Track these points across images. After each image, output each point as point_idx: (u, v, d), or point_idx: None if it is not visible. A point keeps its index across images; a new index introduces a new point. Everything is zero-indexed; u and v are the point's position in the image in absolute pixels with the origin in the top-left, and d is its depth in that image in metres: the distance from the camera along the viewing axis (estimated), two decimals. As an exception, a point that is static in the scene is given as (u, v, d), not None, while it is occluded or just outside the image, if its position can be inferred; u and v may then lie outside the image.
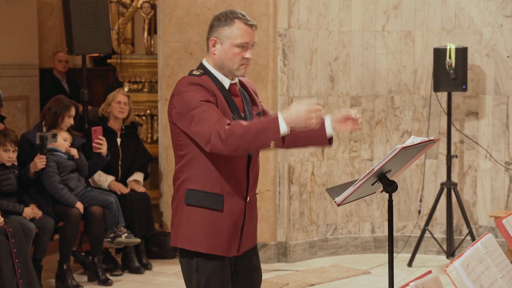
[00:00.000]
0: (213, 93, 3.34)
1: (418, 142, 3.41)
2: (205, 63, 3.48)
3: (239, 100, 3.48)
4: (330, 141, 3.46)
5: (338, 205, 3.38)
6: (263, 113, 3.63)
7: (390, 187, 3.43)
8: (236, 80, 3.50)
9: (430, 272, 2.49)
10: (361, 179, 3.32)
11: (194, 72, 3.42)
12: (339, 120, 3.36)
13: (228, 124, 3.23)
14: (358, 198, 3.53)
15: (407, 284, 2.35)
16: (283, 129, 3.16)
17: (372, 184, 3.46)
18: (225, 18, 3.40)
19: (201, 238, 3.36)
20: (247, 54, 3.39)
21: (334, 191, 3.43)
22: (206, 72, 3.42)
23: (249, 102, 3.54)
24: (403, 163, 3.53)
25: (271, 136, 3.17)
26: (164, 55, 7.04)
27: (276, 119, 3.17)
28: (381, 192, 3.47)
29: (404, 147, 3.27)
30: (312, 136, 3.44)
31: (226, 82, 3.44)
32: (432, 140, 3.49)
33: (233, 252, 3.44)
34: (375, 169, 3.30)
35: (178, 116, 3.34)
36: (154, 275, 6.49)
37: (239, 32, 3.37)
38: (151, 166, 7.31)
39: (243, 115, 3.45)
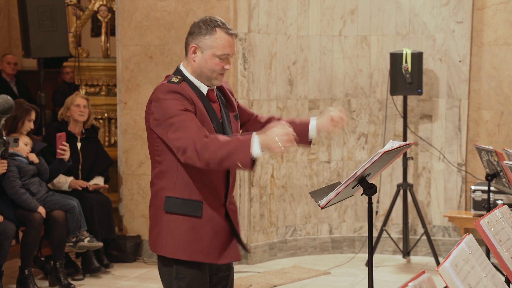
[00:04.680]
0: (192, 102, 3.33)
1: (396, 146, 3.53)
2: (182, 69, 3.46)
3: (216, 106, 3.48)
4: (310, 142, 3.61)
5: (322, 208, 3.47)
6: (240, 111, 3.66)
7: (370, 190, 3.54)
8: (214, 87, 3.49)
9: (423, 272, 2.59)
10: (344, 183, 3.42)
11: (173, 80, 3.38)
12: (326, 123, 3.55)
13: (206, 137, 3.21)
14: (340, 201, 3.62)
15: (406, 285, 2.44)
16: (255, 152, 3.14)
17: (353, 187, 3.56)
18: (206, 26, 3.37)
19: (182, 245, 3.37)
20: (227, 66, 3.40)
21: (316, 194, 3.52)
22: (184, 78, 3.41)
23: (226, 106, 3.55)
24: (381, 166, 3.65)
25: (241, 158, 3.15)
26: (123, 58, 7.04)
27: (249, 142, 3.14)
28: (361, 195, 3.57)
29: (386, 151, 3.38)
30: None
31: (204, 89, 3.43)
32: (408, 144, 3.63)
33: (215, 259, 3.44)
34: (358, 173, 3.40)
35: (156, 123, 3.32)
36: (116, 279, 6.48)
37: (221, 43, 3.35)
38: (110, 170, 7.29)
39: (221, 121, 3.47)
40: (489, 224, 3.30)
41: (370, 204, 3.60)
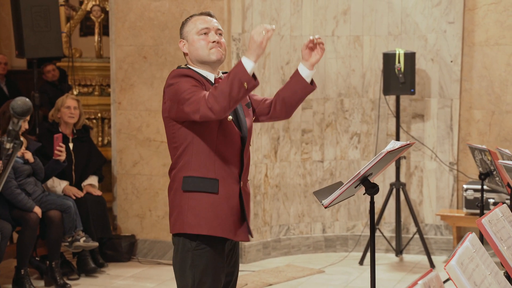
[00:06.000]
0: (202, 82, 3.51)
1: (398, 146, 3.58)
2: (188, 65, 3.65)
3: None
4: (312, 82, 3.68)
5: (325, 207, 3.52)
6: (252, 101, 3.79)
7: (372, 189, 3.59)
8: (221, 74, 3.65)
9: (431, 270, 2.64)
10: (347, 183, 3.47)
11: (182, 66, 3.61)
12: (305, 54, 3.60)
13: (209, 92, 3.38)
14: (342, 200, 3.67)
15: (415, 283, 2.49)
16: (249, 65, 3.26)
17: (355, 187, 3.61)
18: (185, 20, 3.67)
19: (201, 221, 3.50)
20: (212, 37, 3.56)
21: (320, 194, 3.57)
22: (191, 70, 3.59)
23: None
24: (382, 166, 3.70)
25: (242, 78, 3.26)
26: (117, 58, 7.05)
27: (240, 62, 3.29)
28: (364, 194, 3.62)
29: (389, 151, 3.43)
30: (296, 87, 3.65)
31: (211, 77, 3.59)
32: (409, 144, 3.69)
33: (232, 235, 3.56)
34: (361, 173, 3.45)
35: (172, 107, 3.47)
36: (112, 279, 6.50)
37: (196, 23, 3.60)
38: (103, 170, 7.30)
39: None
40: (490, 223, 3.36)
41: (372, 203, 3.65)
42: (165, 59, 6.95)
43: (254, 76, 3.30)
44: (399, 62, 6.82)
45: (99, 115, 7.85)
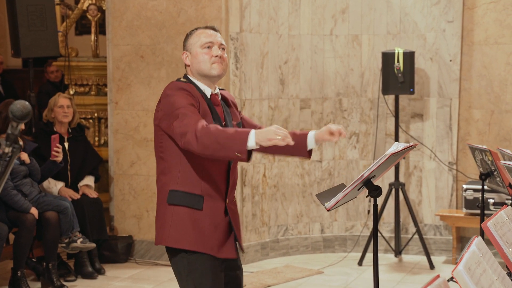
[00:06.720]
0: (197, 100, 3.54)
1: (402, 148, 3.54)
2: (188, 75, 3.69)
3: (220, 109, 3.66)
4: (309, 153, 3.71)
5: (328, 210, 3.47)
6: (244, 122, 3.83)
7: (375, 191, 3.55)
8: (217, 91, 3.69)
9: (438, 276, 2.60)
10: (350, 185, 3.42)
11: (181, 79, 3.63)
12: (323, 132, 3.63)
13: (207, 125, 3.38)
14: (344, 203, 3.63)
15: (423, 289, 2.44)
16: (251, 143, 3.27)
17: (358, 189, 3.56)
18: (190, 33, 3.71)
19: (184, 235, 3.52)
20: (215, 52, 3.60)
21: (323, 196, 3.53)
22: (190, 82, 3.63)
23: (229, 112, 3.72)
24: (385, 168, 3.65)
25: (238, 146, 3.28)
26: (114, 58, 6.99)
27: (247, 132, 3.30)
28: (367, 196, 3.57)
29: (393, 153, 3.39)
30: (294, 147, 3.62)
31: (207, 92, 3.63)
32: (412, 145, 3.65)
33: (215, 252, 3.54)
34: (365, 175, 3.40)
35: (163, 117, 3.51)
36: (109, 280, 6.45)
37: (201, 36, 3.64)
38: (100, 170, 7.24)
39: (223, 124, 3.62)
40: (496, 226, 3.31)
41: (375, 206, 3.60)
42: (163, 59, 6.89)
43: (249, 152, 3.29)
44: (398, 61, 6.77)
45: (95, 115, 7.79)
